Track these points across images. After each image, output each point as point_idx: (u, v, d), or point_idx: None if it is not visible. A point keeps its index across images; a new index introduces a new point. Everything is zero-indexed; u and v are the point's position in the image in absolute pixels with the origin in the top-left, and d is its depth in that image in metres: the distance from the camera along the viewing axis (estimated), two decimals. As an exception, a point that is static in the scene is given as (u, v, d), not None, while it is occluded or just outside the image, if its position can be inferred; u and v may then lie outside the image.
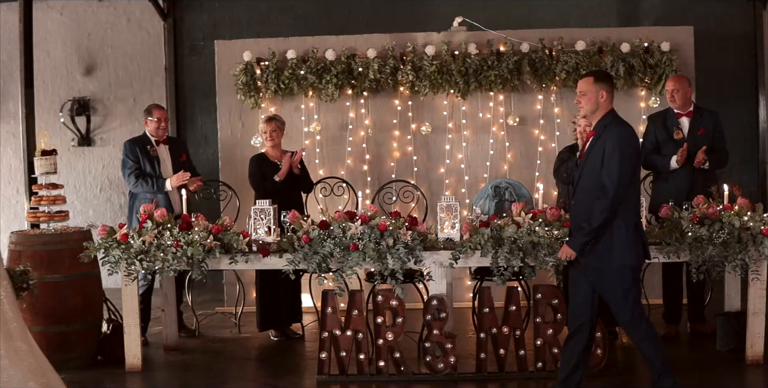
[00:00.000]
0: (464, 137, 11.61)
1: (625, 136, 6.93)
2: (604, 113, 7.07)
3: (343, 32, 11.99)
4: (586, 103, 7.08)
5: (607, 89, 7.07)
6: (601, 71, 8.25)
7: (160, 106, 10.25)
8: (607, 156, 6.82)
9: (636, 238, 6.94)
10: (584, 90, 7.09)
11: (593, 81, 7.07)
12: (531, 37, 11.40)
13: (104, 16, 14.05)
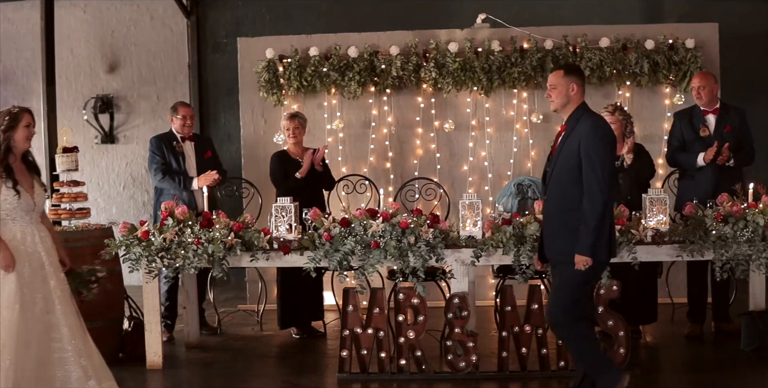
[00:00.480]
0: (487, 135, 11.55)
1: (601, 127, 6.87)
2: (575, 107, 6.97)
3: (366, 29, 11.92)
4: (557, 96, 6.97)
5: (577, 82, 6.97)
6: (571, 64, 8.20)
7: (185, 103, 10.23)
8: (587, 149, 6.72)
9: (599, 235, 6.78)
10: (554, 83, 6.99)
11: (563, 74, 6.98)
12: (555, 34, 11.33)
13: (127, 13, 14.08)
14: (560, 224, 6.91)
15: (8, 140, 6.89)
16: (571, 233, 6.77)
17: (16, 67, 14.19)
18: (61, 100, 13.78)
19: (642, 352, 8.87)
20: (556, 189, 6.95)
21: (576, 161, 6.76)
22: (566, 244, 6.81)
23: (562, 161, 6.86)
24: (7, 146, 6.89)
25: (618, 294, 7.99)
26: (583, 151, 6.72)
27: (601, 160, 6.70)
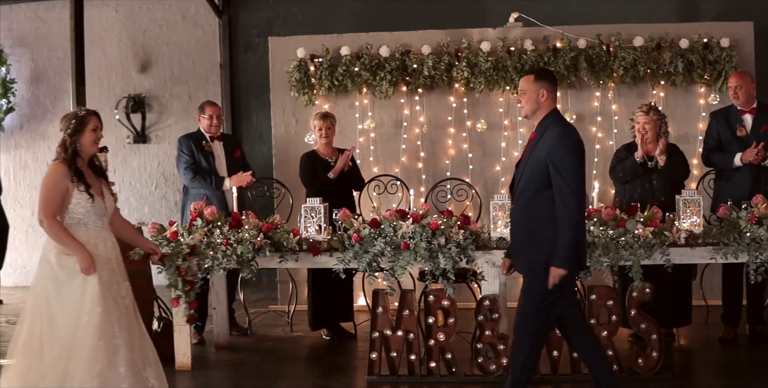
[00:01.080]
0: (520, 135, 11.45)
1: (568, 137, 6.57)
2: (545, 113, 6.72)
3: (398, 29, 11.86)
4: (527, 102, 6.72)
5: (548, 88, 6.71)
6: (542, 69, 8.00)
7: (212, 103, 10.16)
8: (554, 160, 6.46)
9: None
10: (524, 89, 6.74)
11: (534, 79, 6.73)
12: (588, 33, 11.23)
13: (159, 13, 14.07)
14: (526, 232, 6.69)
15: (75, 144, 6.74)
16: (535, 242, 6.58)
17: (48, 67, 14.23)
18: (93, 99, 13.78)
19: (676, 355, 8.74)
20: (522, 197, 6.71)
21: (543, 170, 6.51)
22: (531, 254, 6.64)
23: (530, 170, 6.62)
24: (74, 150, 6.74)
25: (651, 297, 7.90)
26: (550, 163, 6.48)
27: (569, 172, 6.44)
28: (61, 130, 6.79)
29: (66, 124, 6.78)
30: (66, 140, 6.74)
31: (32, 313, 6.54)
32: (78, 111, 6.91)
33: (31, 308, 6.57)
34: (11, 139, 14.42)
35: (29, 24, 14.30)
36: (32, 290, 6.64)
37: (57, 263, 6.56)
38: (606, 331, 7.89)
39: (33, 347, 6.45)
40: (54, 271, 6.54)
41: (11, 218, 13.38)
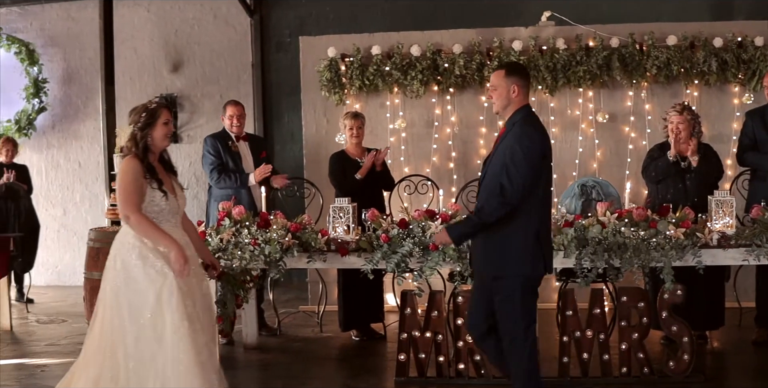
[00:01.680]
0: (552, 135, 11.33)
1: (529, 137, 6.33)
2: (516, 109, 6.50)
3: (429, 28, 11.81)
4: (497, 98, 6.53)
5: (519, 83, 6.48)
6: (514, 63, 7.83)
7: (235, 102, 10.09)
8: (508, 157, 6.27)
9: (535, 248, 6.40)
10: (495, 84, 6.53)
11: (505, 74, 6.51)
12: (621, 32, 11.13)
13: (191, 12, 14.08)
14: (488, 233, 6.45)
15: (146, 138, 6.41)
16: (497, 243, 6.40)
17: (79, 67, 14.27)
18: (125, 99, 13.83)
19: (708, 358, 8.63)
20: (484, 196, 6.49)
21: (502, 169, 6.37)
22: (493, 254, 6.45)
23: (493, 168, 6.43)
24: (145, 145, 6.42)
25: (682, 299, 7.78)
26: (506, 160, 6.28)
27: (519, 173, 6.22)
28: (130, 124, 6.45)
29: (136, 117, 6.45)
30: (136, 134, 6.41)
31: (103, 319, 6.33)
32: (148, 104, 6.57)
33: (101, 313, 6.35)
34: (43, 139, 14.47)
35: (61, 24, 14.35)
36: (104, 295, 6.36)
37: (134, 265, 6.27)
38: (636, 333, 7.78)
39: (105, 353, 6.25)
40: (130, 274, 6.25)
41: (43, 218, 13.50)
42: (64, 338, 10.31)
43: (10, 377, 8.65)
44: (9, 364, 9.20)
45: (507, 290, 6.38)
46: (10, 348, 9.95)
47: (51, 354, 9.56)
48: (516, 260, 6.36)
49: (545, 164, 6.44)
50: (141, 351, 6.16)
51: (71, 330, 10.67)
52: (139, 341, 6.15)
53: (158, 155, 6.59)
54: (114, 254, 6.39)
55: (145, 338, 6.15)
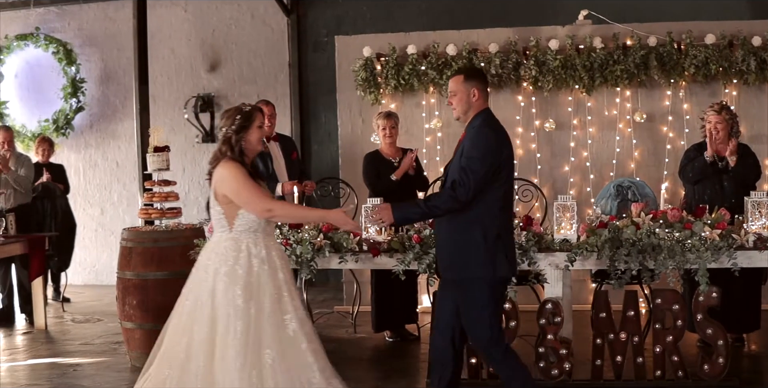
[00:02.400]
0: (589, 134, 11.27)
1: (485, 138, 6.30)
2: (476, 113, 6.47)
3: (467, 27, 11.73)
4: (458, 103, 6.47)
5: (479, 87, 6.45)
6: (472, 68, 7.75)
7: (266, 102, 9.95)
8: (465, 158, 6.23)
9: (496, 249, 6.31)
10: (454, 90, 6.47)
11: (463, 79, 6.45)
12: (658, 31, 11.00)
13: (228, 12, 14.09)
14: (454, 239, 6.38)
15: (241, 142, 6.24)
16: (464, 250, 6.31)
17: (117, 67, 14.32)
18: (162, 99, 13.92)
19: (744, 361, 8.53)
20: None
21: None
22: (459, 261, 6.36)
23: (453, 171, 6.35)
24: (240, 149, 6.25)
25: (718, 301, 7.66)
26: (462, 160, 6.25)
27: (472, 172, 6.16)
28: (224, 127, 6.28)
29: (230, 120, 6.25)
30: (231, 137, 6.22)
31: (178, 323, 6.25)
32: (242, 106, 6.37)
33: (177, 318, 6.27)
34: (81, 139, 14.55)
35: (99, 24, 14.42)
36: (187, 301, 6.24)
37: (229, 272, 6.06)
38: (671, 336, 7.66)
39: (174, 356, 6.11)
40: (221, 284, 6.05)
41: (81, 217, 13.57)
42: (98, 338, 10.33)
43: (41, 376, 8.68)
44: (42, 363, 9.25)
45: (471, 294, 6.33)
46: (45, 347, 10.00)
47: (84, 353, 9.59)
48: (478, 262, 6.29)
49: (505, 165, 6.37)
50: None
51: (106, 329, 10.70)
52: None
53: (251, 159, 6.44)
54: (206, 259, 6.22)
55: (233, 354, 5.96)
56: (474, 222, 6.26)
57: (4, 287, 11.38)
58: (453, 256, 6.37)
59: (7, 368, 9.10)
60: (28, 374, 8.83)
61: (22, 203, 11.46)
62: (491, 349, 6.44)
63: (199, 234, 8.90)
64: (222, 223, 6.22)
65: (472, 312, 6.35)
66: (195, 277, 6.25)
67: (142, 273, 8.85)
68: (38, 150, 12.74)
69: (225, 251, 6.13)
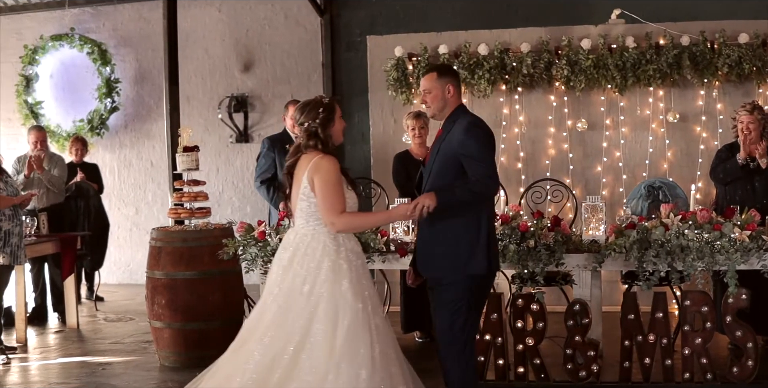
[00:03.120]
0: (622, 134, 11.22)
1: (475, 126, 6.25)
2: (453, 109, 6.38)
3: (499, 26, 11.71)
4: (433, 100, 6.38)
5: (453, 83, 6.38)
6: (443, 65, 7.70)
7: (297, 102, 10.02)
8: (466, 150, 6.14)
9: (487, 246, 6.26)
10: (429, 87, 6.38)
11: (437, 76, 6.38)
12: (691, 30, 10.94)
13: (262, 12, 14.11)
14: (437, 236, 6.30)
15: (329, 134, 6.15)
16: (448, 247, 6.24)
17: (152, 67, 14.37)
18: (197, 99, 13.97)
19: (775, 363, 8.43)
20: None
21: (453, 166, 6.21)
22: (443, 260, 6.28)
23: (438, 167, 6.29)
24: (330, 141, 6.17)
25: (747, 303, 7.57)
26: (462, 156, 6.16)
27: (483, 159, 6.13)
28: (307, 121, 6.12)
29: (313, 113, 6.11)
30: (317, 130, 6.09)
31: (255, 326, 6.09)
32: (321, 98, 6.26)
33: (257, 319, 6.11)
34: (116, 139, 14.62)
35: (133, 24, 14.48)
36: (272, 302, 6.04)
37: (333, 266, 5.96)
38: (700, 338, 7.58)
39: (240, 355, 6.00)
40: (329, 276, 5.94)
41: (115, 217, 13.65)
42: (129, 337, 10.38)
43: (70, 374, 8.73)
44: (72, 361, 9.31)
45: (457, 292, 6.24)
46: (75, 346, 10.06)
47: (114, 352, 9.64)
48: (468, 259, 6.22)
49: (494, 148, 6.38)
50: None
51: (137, 328, 10.74)
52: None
53: None
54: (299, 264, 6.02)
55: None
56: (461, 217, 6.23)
57: (37, 286, 11.45)
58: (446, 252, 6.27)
59: (38, 366, 9.19)
60: (58, 372, 8.88)
61: (55, 203, 11.52)
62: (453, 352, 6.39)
63: (228, 234, 8.91)
64: (317, 215, 6.08)
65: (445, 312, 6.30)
66: (288, 271, 6.04)
67: (171, 273, 8.88)
68: (71, 150, 12.82)
69: (324, 244, 6.03)
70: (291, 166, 6.20)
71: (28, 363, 9.34)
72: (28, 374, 8.93)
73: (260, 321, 6.08)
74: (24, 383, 8.58)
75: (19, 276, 10.19)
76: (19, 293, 10.25)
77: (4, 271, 9.36)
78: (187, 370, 8.64)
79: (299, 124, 6.18)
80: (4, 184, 9.34)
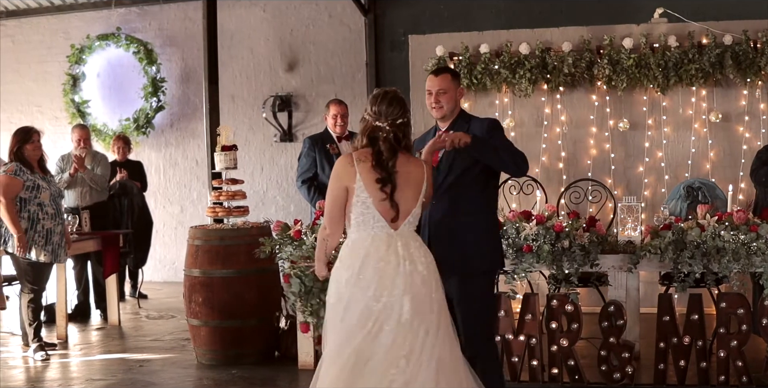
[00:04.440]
0: (664, 134, 11.13)
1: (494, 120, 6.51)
2: (459, 110, 6.47)
3: (542, 26, 11.66)
4: (448, 101, 6.36)
5: (460, 85, 6.51)
6: (452, 68, 7.65)
7: (338, 101, 10.01)
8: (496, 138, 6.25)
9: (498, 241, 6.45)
10: (446, 88, 6.36)
11: (452, 78, 6.42)
12: (734, 29, 10.82)
13: (306, 12, 14.14)
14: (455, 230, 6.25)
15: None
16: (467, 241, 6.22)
17: (197, 66, 14.40)
18: (241, 98, 14.04)
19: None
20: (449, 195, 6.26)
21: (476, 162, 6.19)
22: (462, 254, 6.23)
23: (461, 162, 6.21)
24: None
25: (785, 305, 7.51)
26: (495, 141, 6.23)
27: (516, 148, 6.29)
28: (407, 115, 5.72)
29: (405, 106, 5.70)
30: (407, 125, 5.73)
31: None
32: (388, 91, 5.79)
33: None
34: (161, 137, 14.72)
35: (179, 24, 14.57)
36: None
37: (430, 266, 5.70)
38: (736, 340, 7.51)
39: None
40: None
41: (161, 215, 13.76)
42: (168, 334, 10.44)
43: (108, 371, 8.80)
44: (110, 358, 9.38)
45: (477, 288, 6.26)
46: (115, 343, 10.14)
47: (153, 350, 9.71)
48: (487, 254, 6.30)
49: None
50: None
51: (177, 326, 10.79)
52: None
53: None
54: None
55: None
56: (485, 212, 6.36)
57: (80, 284, 11.55)
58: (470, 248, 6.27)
59: (78, 363, 9.28)
60: (96, 369, 8.95)
61: (98, 201, 11.60)
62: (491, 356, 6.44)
63: (265, 233, 8.93)
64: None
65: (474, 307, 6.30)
66: (406, 269, 5.61)
67: (208, 271, 8.93)
68: (114, 148, 12.91)
69: (422, 243, 5.82)
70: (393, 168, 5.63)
71: (68, 359, 9.42)
72: (67, 370, 9.02)
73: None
74: (62, 379, 8.65)
75: (61, 273, 10.29)
76: (60, 290, 10.36)
77: (44, 268, 9.46)
78: (223, 367, 8.74)
79: (392, 119, 5.63)
80: (46, 183, 9.43)
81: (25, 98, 15.31)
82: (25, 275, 9.42)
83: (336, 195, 5.66)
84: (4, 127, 14.70)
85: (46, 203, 9.37)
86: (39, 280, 9.47)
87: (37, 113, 15.19)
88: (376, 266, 5.55)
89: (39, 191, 9.33)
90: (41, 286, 9.54)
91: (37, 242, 9.28)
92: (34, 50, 15.25)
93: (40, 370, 8.99)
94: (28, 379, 8.69)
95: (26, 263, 9.32)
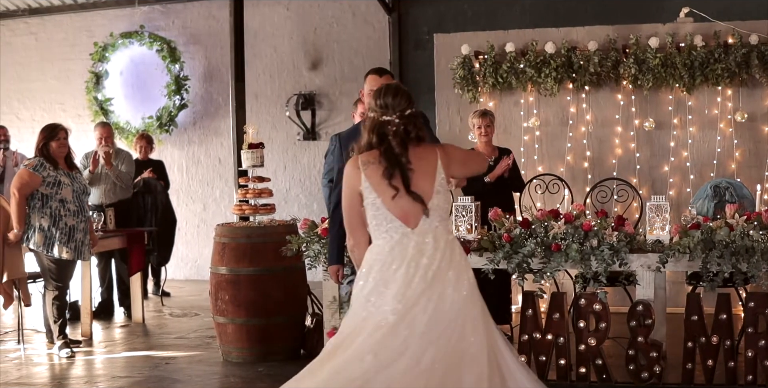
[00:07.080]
0: (690, 134, 11.09)
1: None
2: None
3: (568, 25, 11.63)
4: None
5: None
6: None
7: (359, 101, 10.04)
8: None
9: None
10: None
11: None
12: (760, 29, 10.77)
13: (330, 11, 14.16)
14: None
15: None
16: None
17: (220, 64, 14.48)
18: (265, 96, 14.07)
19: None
20: None
21: None
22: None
23: None
24: None
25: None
26: None
27: None
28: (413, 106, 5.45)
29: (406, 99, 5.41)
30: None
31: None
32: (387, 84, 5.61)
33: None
34: (184, 135, 14.76)
35: (202, 22, 14.61)
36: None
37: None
38: (764, 340, 7.47)
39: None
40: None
41: (183, 213, 13.78)
42: (193, 332, 10.47)
43: (133, 368, 8.83)
44: (135, 356, 9.41)
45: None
46: (140, 340, 10.16)
47: (178, 347, 9.73)
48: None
49: None
50: None
51: (202, 324, 10.82)
52: None
53: None
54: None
55: None
56: None
57: (104, 281, 11.59)
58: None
59: (102, 360, 9.32)
60: (121, 366, 9.00)
61: (122, 199, 11.62)
62: None
63: (291, 231, 8.89)
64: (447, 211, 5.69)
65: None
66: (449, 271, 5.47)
67: (235, 269, 8.95)
68: (136, 147, 12.96)
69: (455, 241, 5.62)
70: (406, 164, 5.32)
71: (93, 357, 9.47)
72: (92, 367, 9.06)
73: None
74: (87, 376, 8.69)
75: (85, 271, 10.32)
76: (84, 288, 10.39)
77: (67, 265, 9.49)
78: (249, 365, 8.76)
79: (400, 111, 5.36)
80: (70, 180, 9.44)
81: (48, 96, 15.38)
82: (49, 272, 9.45)
83: (350, 202, 5.45)
84: (27, 124, 14.80)
85: (68, 200, 9.38)
86: (63, 277, 9.50)
87: (60, 111, 15.24)
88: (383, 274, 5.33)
89: (60, 188, 9.33)
90: (65, 283, 9.57)
91: (60, 240, 9.30)
92: (57, 48, 15.30)
93: (65, 367, 9.03)
94: (53, 376, 8.73)
95: (49, 260, 9.35)
